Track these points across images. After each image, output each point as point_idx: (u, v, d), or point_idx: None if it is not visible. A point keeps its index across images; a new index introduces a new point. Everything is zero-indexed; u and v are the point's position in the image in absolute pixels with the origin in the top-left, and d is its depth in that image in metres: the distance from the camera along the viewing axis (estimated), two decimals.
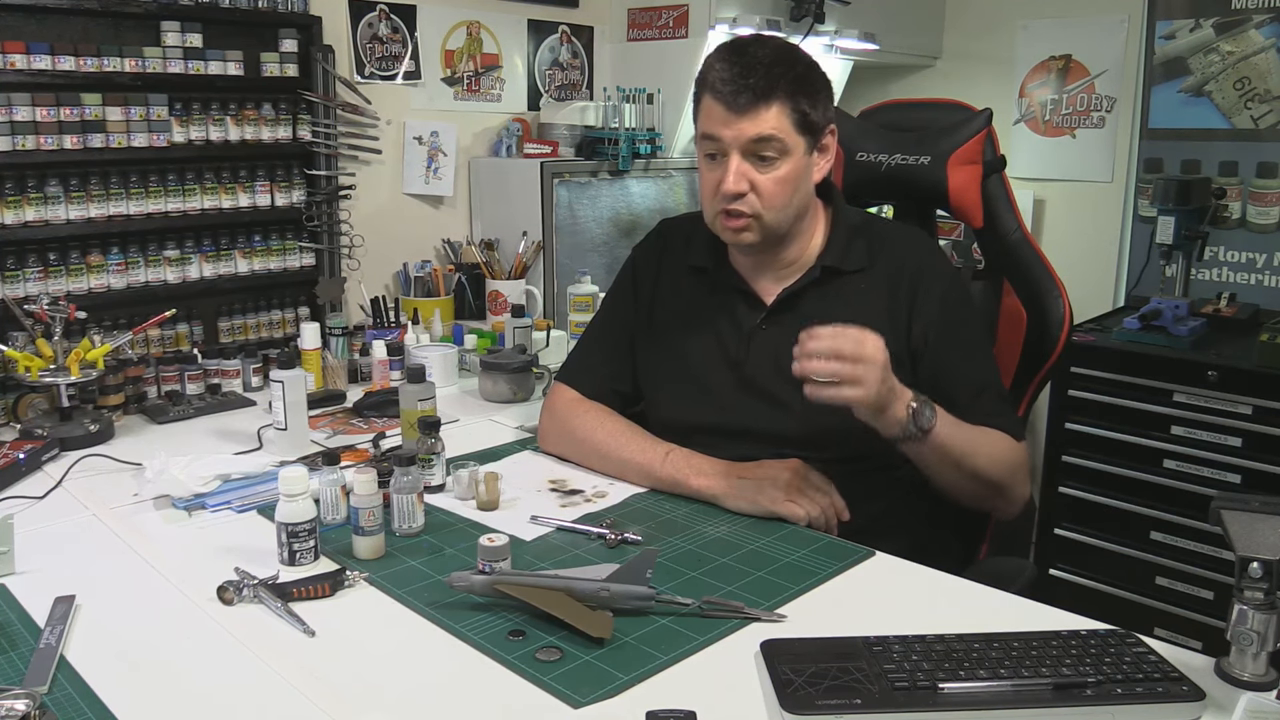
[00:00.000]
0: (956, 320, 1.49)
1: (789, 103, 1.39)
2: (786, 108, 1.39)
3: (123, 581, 1.22)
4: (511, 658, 1.04)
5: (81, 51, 1.94)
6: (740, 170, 1.40)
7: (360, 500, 1.27)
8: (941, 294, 1.48)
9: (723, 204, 1.43)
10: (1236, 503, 0.98)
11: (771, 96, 1.38)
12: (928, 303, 1.47)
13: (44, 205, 1.93)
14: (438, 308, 2.37)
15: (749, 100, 1.37)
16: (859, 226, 1.55)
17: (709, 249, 1.57)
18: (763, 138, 1.39)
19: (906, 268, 1.49)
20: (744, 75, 1.38)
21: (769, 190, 1.42)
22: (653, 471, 1.50)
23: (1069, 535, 2.72)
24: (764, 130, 1.38)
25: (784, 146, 1.40)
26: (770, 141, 1.39)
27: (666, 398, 1.59)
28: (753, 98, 1.37)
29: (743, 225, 1.44)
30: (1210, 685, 0.96)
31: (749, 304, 1.54)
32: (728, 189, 1.40)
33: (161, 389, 1.98)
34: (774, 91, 1.38)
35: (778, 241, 1.50)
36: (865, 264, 1.50)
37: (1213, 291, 2.94)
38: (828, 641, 1.03)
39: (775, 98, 1.38)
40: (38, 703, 0.90)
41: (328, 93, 2.30)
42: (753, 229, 1.44)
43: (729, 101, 1.38)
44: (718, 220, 1.46)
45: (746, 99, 1.37)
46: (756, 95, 1.37)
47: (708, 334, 1.55)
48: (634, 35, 2.91)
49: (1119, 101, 3.14)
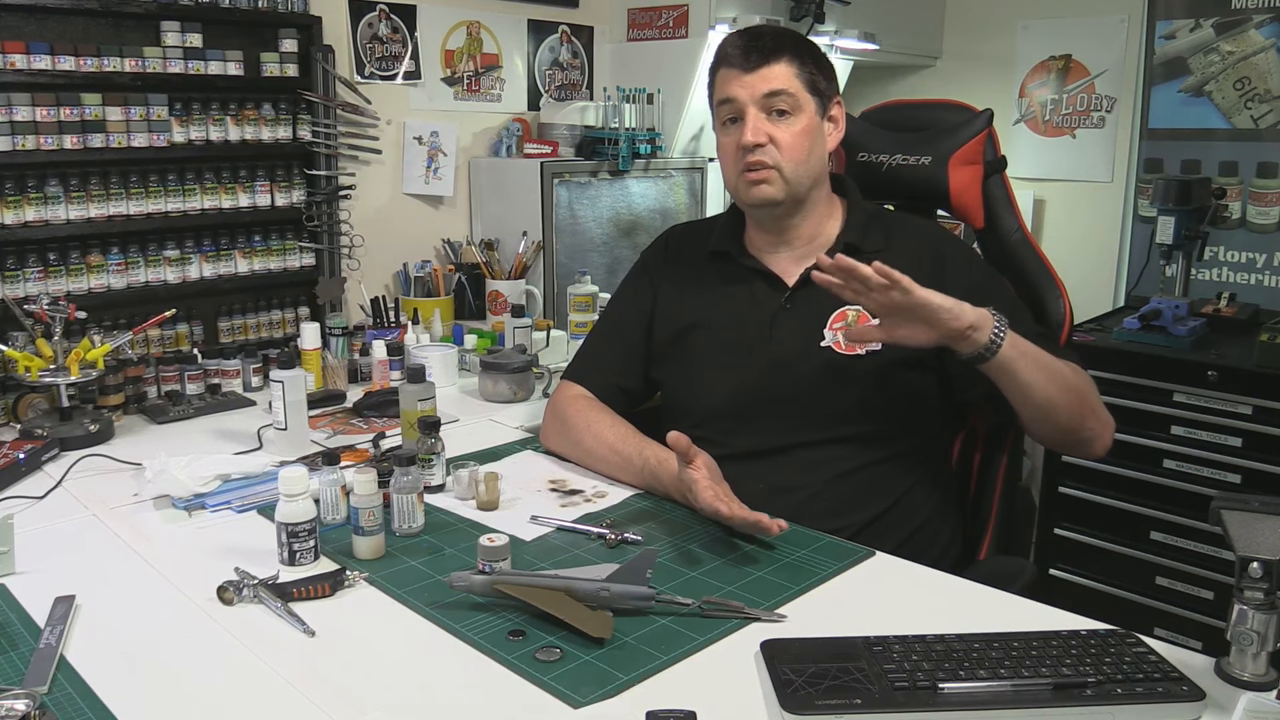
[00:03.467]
0: (990, 280, 1.54)
1: (796, 61, 1.48)
2: (794, 65, 1.48)
3: (123, 581, 1.22)
4: (511, 658, 1.04)
5: (81, 51, 1.94)
6: (757, 124, 1.47)
7: (360, 500, 1.27)
8: (968, 259, 1.55)
9: (745, 158, 1.48)
10: (1236, 503, 0.98)
11: (780, 53, 1.48)
12: (957, 270, 1.50)
13: (44, 205, 1.93)
14: (438, 308, 2.37)
15: (759, 58, 1.47)
16: (875, 213, 1.61)
17: (729, 237, 1.61)
18: (775, 91, 1.47)
19: (926, 245, 1.54)
20: (755, 39, 1.49)
21: (787, 142, 1.48)
22: (638, 472, 1.50)
23: (1069, 535, 2.72)
24: (775, 84, 1.47)
25: (796, 102, 1.48)
26: (783, 95, 1.47)
27: (688, 382, 1.59)
28: (762, 56, 1.47)
29: (764, 177, 1.49)
30: (1210, 685, 0.96)
31: (771, 285, 1.56)
32: (747, 140, 1.47)
33: (161, 389, 1.98)
34: (781, 50, 1.48)
35: (796, 206, 1.53)
36: (883, 245, 1.54)
37: (1213, 291, 2.94)
38: (828, 641, 1.03)
39: (783, 55, 1.48)
40: (38, 703, 0.90)
41: (328, 93, 2.30)
42: (774, 182, 1.49)
43: (741, 62, 1.48)
44: (741, 180, 1.51)
45: (757, 57, 1.47)
46: (765, 54, 1.47)
47: (730, 317, 1.57)
48: (634, 35, 2.91)
49: (1119, 101, 3.14)
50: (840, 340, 1.49)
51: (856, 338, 1.45)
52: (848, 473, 1.46)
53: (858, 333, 1.42)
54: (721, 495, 1.30)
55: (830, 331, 1.50)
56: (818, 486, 1.46)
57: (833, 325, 1.50)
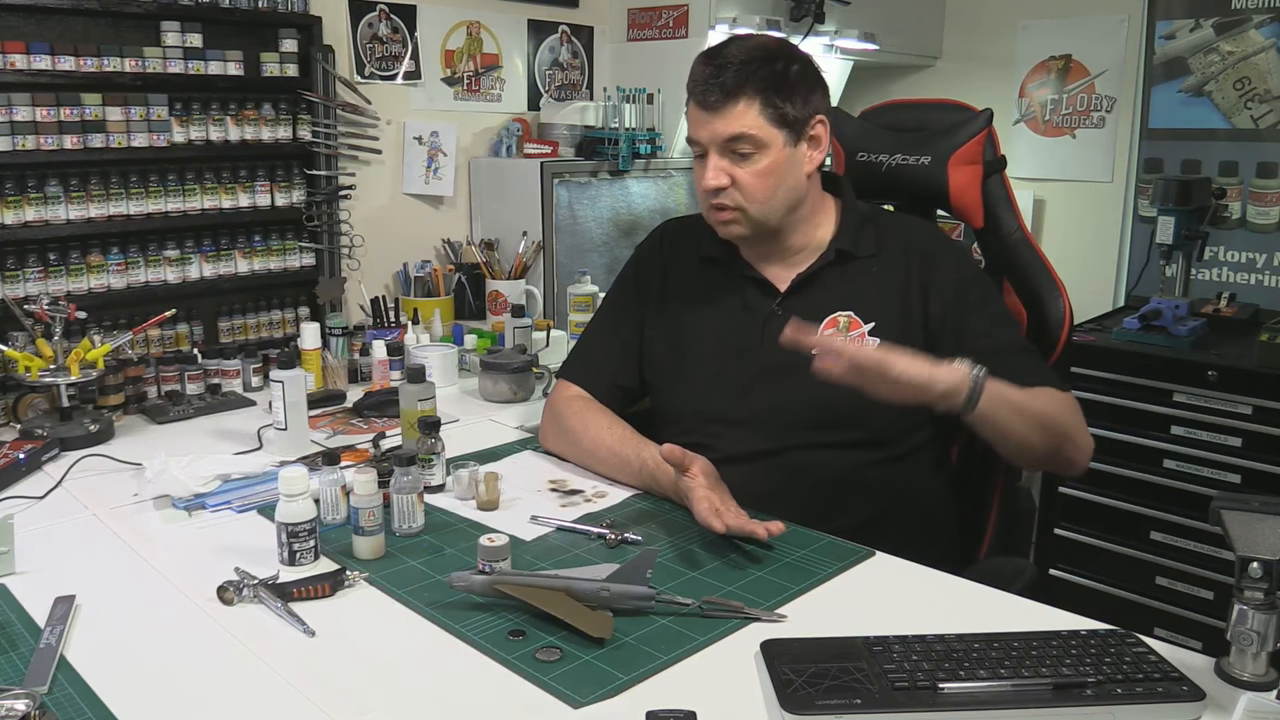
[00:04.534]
0: (975, 291, 1.52)
1: (758, 98, 1.42)
2: (756, 103, 1.42)
3: (123, 581, 1.22)
4: (511, 658, 1.04)
5: (81, 51, 1.94)
6: (719, 166, 1.45)
7: (360, 500, 1.27)
8: (955, 267, 1.52)
9: (709, 199, 1.48)
10: (1236, 503, 0.98)
11: (739, 94, 1.41)
12: (943, 278, 1.49)
13: (44, 205, 1.93)
14: (438, 308, 2.37)
15: (718, 99, 1.42)
16: (868, 215, 1.58)
17: (719, 242, 1.59)
18: (734, 135, 1.42)
19: (915, 249, 1.53)
20: (715, 75, 1.42)
21: (748, 184, 1.45)
22: (636, 473, 1.50)
23: (1069, 535, 2.72)
24: (734, 128, 1.42)
25: (758, 141, 1.43)
26: (742, 139, 1.42)
27: (678, 387, 1.58)
28: (722, 96, 1.41)
29: (729, 218, 1.48)
30: (1210, 685, 0.96)
31: (763, 291, 1.55)
32: (706, 184, 1.45)
33: (161, 389, 1.98)
34: (742, 89, 1.41)
35: (772, 234, 1.52)
36: (875, 250, 1.53)
37: (1213, 291, 2.93)
38: (828, 641, 1.03)
39: (743, 94, 1.41)
40: (38, 703, 0.90)
41: (328, 93, 2.30)
42: (740, 222, 1.48)
43: (701, 101, 1.44)
44: (710, 216, 1.51)
45: (716, 97, 1.42)
46: (725, 93, 1.41)
47: (721, 322, 1.57)
48: (634, 35, 2.91)
49: (1119, 101, 3.14)
50: None
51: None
52: (840, 476, 1.45)
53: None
54: (717, 506, 1.29)
55: None
56: (807, 490, 1.45)
57: (823, 331, 1.48)
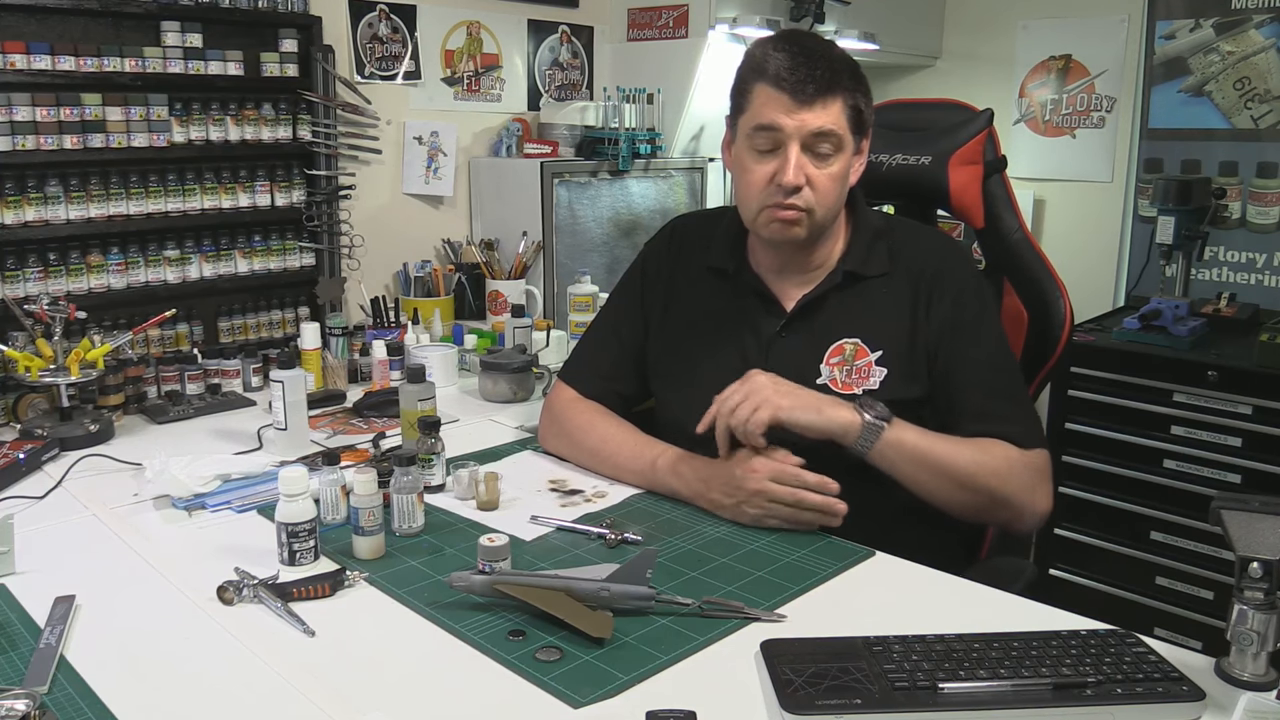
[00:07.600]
0: (969, 323, 1.45)
1: (849, 98, 1.37)
2: (847, 103, 1.37)
3: (123, 581, 1.22)
4: (511, 658, 1.04)
5: (81, 51, 1.94)
6: (800, 164, 1.36)
7: (360, 500, 1.27)
8: (955, 296, 1.46)
9: (777, 197, 1.38)
10: (1236, 503, 0.98)
11: (836, 89, 1.35)
12: (940, 305, 1.45)
13: (44, 205, 1.93)
14: (438, 308, 2.37)
15: (815, 91, 1.34)
16: (880, 230, 1.51)
17: (729, 250, 1.55)
18: (824, 132, 1.35)
19: (926, 271, 1.47)
20: (809, 65, 1.34)
21: (824, 186, 1.38)
22: (643, 474, 1.49)
23: (1069, 535, 2.72)
24: (826, 124, 1.35)
25: (840, 143, 1.37)
26: (829, 136, 1.36)
27: (678, 402, 1.56)
28: (817, 89, 1.34)
29: (794, 218, 1.39)
30: (1210, 685, 0.96)
31: (768, 310, 1.51)
32: (788, 181, 1.36)
33: (161, 389, 1.98)
34: (838, 85, 1.35)
35: (815, 241, 1.47)
36: (887, 269, 1.48)
37: (1213, 291, 2.94)
38: (828, 641, 1.03)
39: (839, 91, 1.36)
40: (38, 703, 0.90)
41: (328, 93, 2.30)
42: (803, 224, 1.40)
43: (794, 91, 1.34)
44: (764, 214, 1.41)
45: (813, 89, 1.34)
46: (821, 87, 1.34)
47: (725, 340, 1.53)
48: (634, 35, 2.91)
49: (1119, 101, 3.14)
50: (836, 378, 1.45)
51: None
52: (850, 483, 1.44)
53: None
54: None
55: (826, 367, 1.45)
56: None
57: (829, 360, 1.46)
